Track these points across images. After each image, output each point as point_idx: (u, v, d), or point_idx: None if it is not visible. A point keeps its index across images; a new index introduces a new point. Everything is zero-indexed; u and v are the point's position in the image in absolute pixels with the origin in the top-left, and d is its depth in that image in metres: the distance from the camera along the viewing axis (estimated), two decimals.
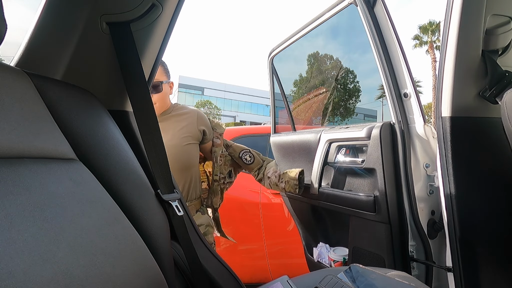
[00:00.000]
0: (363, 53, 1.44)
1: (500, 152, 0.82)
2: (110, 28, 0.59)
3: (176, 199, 0.63)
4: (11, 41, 0.48)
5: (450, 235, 0.86)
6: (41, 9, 0.56)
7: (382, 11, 1.16)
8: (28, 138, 0.39)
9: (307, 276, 0.76)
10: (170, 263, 0.56)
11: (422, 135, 1.15)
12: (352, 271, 0.66)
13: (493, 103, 0.80)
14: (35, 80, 0.46)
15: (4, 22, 0.41)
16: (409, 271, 1.13)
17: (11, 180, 0.34)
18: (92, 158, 0.48)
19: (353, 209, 1.26)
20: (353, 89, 2.08)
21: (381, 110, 2.63)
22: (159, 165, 0.62)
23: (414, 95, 1.15)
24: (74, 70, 0.60)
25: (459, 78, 0.80)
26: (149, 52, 0.67)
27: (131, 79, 0.61)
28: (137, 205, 0.51)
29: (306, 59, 2.09)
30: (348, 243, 1.37)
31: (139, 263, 0.46)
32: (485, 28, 0.78)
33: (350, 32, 1.60)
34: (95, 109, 0.55)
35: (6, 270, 0.28)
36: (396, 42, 1.15)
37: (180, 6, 0.66)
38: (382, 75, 1.19)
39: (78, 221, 0.38)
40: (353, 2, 1.23)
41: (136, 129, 0.67)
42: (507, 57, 0.82)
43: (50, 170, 0.40)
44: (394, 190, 1.15)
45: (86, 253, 0.37)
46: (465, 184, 0.83)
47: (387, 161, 1.16)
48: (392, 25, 1.15)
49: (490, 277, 0.81)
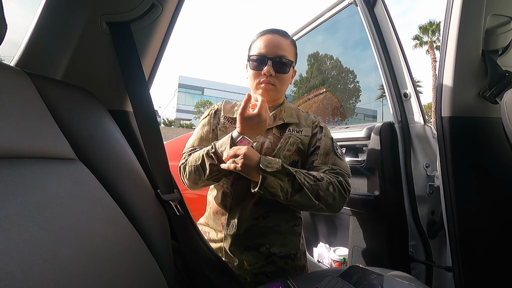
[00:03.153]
0: (363, 52, 1.44)
1: (500, 152, 0.82)
2: (110, 28, 0.59)
3: (176, 199, 0.63)
4: (11, 41, 0.49)
5: (450, 235, 0.86)
6: (41, 9, 0.56)
7: (382, 11, 1.16)
8: (28, 138, 0.39)
9: (307, 276, 0.76)
10: (170, 263, 0.56)
11: (422, 135, 1.15)
12: (352, 271, 0.66)
13: (493, 103, 0.80)
14: (35, 80, 0.46)
15: (4, 22, 0.41)
16: (409, 271, 1.13)
17: (11, 180, 0.34)
18: (92, 158, 0.48)
19: (353, 209, 1.26)
20: (353, 89, 2.08)
21: (381, 110, 2.63)
22: (159, 165, 0.62)
23: (414, 95, 1.15)
24: (74, 70, 0.60)
25: (459, 78, 0.80)
26: (149, 52, 0.67)
27: (131, 79, 0.62)
28: (137, 205, 0.51)
29: (306, 59, 2.09)
30: (348, 243, 1.37)
31: (139, 263, 0.46)
32: (485, 28, 0.78)
33: (350, 32, 1.60)
34: (95, 109, 0.55)
35: (6, 270, 0.28)
36: (396, 42, 1.15)
37: (180, 6, 0.66)
38: (382, 75, 1.19)
39: (78, 221, 0.38)
40: (353, 2, 1.23)
41: (136, 129, 0.67)
42: (507, 57, 0.82)
43: (50, 170, 0.40)
44: (394, 190, 1.15)
45: (86, 253, 0.37)
46: (465, 184, 0.83)
47: (387, 161, 1.16)
48: (392, 25, 1.15)
49: (490, 277, 0.81)
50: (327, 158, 0.81)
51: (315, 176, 0.73)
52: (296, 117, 0.88)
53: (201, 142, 0.87)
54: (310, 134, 0.85)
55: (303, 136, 0.84)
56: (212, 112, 0.92)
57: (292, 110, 0.90)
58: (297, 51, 0.88)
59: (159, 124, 0.66)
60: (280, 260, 0.80)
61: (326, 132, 0.86)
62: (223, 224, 0.82)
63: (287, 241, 0.83)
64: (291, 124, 0.86)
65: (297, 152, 0.82)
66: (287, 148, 0.81)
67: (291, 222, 0.84)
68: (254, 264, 0.79)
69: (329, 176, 0.75)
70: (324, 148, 0.82)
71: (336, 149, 0.83)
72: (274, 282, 0.65)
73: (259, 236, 0.80)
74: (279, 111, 0.87)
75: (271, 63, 0.79)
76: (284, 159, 0.80)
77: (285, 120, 0.85)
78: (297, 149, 0.82)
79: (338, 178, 0.75)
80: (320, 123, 0.88)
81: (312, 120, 0.89)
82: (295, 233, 0.85)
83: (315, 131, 0.86)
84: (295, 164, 0.83)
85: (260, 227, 0.80)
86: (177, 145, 2.48)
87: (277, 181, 0.68)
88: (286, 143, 0.81)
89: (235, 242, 0.79)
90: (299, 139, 0.83)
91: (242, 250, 0.80)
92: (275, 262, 0.80)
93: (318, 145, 0.83)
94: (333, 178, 0.74)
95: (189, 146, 0.88)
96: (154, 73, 0.73)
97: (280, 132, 0.84)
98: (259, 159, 0.68)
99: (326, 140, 0.84)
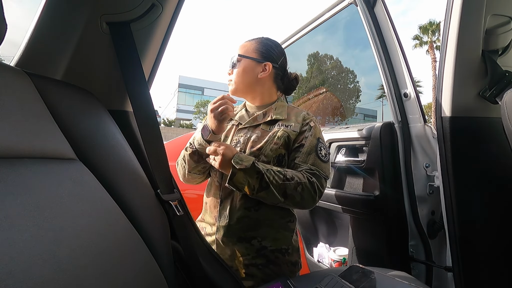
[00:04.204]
0: (363, 52, 1.44)
1: (500, 152, 0.82)
2: (110, 28, 0.59)
3: (176, 199, 0.63)
4: (11, 41, 0.49)
5: (450, 235, 0.86)
6: (41, 9, 0.56)
7: (382, 11, 1.16)
8: (28, 138, 0.39)
9: (307, 276, 0.76)
10: (170, 263, 0.56)
11: (422, 135, 1.15)
12: (352, 271, 0.66)
13: (493, 103, 0.80)
14: (35, 80, 0.46)
15: (4, 22, 0.41)
16: (409, 271, 1.13)
17: (11, 180, 0.34)
18: (92, 158, 0.48)
19: (353, 209, 1.26)
20: (353, 89, 2.08)
21: (381, 110, 2.63)
22: (159, 165, 0.62)
23: (414, 95, 1.15)
24: (74, 70, 0.60)
25: (459, 78, 0.80)
26: (149, 52, 0.67)
27: (131, 79, 0.61)
28: (137, 205, 0.51)
29: (306, 59, 2.09)
30: (348, 243, 1.37)
31: (139, 263, 0.46)
32: (485, 28, 0.78)
33: (350, 32, 1.60)
34: (95, 109, 0.55)
35: (6, 270, 0.28)
36: (396, 42, 1.15)
37: (180, 6, 0.66)
38: (382, 75, 1.19)
39: (78, 221, 0.38)
40: (353, 2, 1.23)
41: (136, 129, 0.67)
42: (507, 57, 0.82)
43: (50, 170, 0.40)
44: (394, 190, 1.15)
45: (86, 253, 0.37)
46: (465, 184, 0.83)
47: (387, 161, 1.16)
48: (392, 25, 1.15)
49: (490, 277, 0.81)
50: (308, 157, 0.83)
51: (285, 175, 0.77)
52: (286, 114, 0.90)
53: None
54: (298, 130, 0.87)
55: (291, 131, 0.86)
56: None
57: (284, 107, 0.92)
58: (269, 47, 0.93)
59: (159, 124, 0.66)
60: (271, 253, 0.82)
61: (314, 132, 0.87)
62: (215, 216, 0.85)
63: (279, 236, 0.84)
64: (280, 119, 0.88)
65: (283, 146, 0.84)
66: (274, 142, 0.83)
67: (285, 218, 0.86)
68: (246, 255, 0.81)
69: (301, 176, 0.78)
70: (308, 147, 0.84)
71: (320, 150, 0.85)
72: (274, 282, 0.65)
73: (251, 228, 0.82)
74: (270, 109, 0.91)
75: (230, 63, 0.94)
76: (271, 152, 0.83)
77: (273, 117, 0.88)
78: (283, 143, 0.84)
79: (312, 179, 0.78)
80: (311, 121, 0.89)
81: (303, 117, 0.90)
82: (289, 229, 0.87)
83: (304, 129, 0.87)
84: (282, 157, 0.85)
85: (252, 219, 0.82)
86: (177, 145, 2.48)
87: (246, 177, 0.74)
88: (274, 136, 0.84)
89: (227, 233, 0.82)
90: (287, 133, 0.85)
91: (234, 241, 0.82)
92: (266, 256, 0.82)
93: (303, 143, 0.85)
94: (304, 179, 0.77)
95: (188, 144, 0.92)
96: (154, 73, 0.73)
97: (270, 128, 0.88)
98: (233, 155, 0.75)
99: (312, 140, 0.85)
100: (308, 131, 0.87)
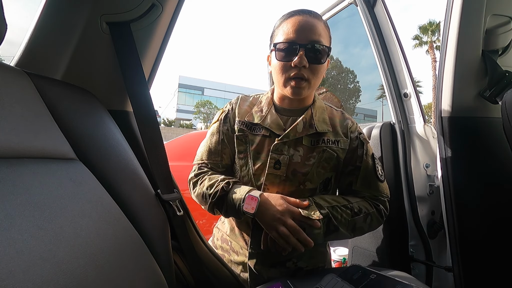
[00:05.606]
0: (363, 52, 1.44)
1: (500, 152, 0.82)
2: (110, 28, 0.59)
3: (176, 199, 0.63)
4: (11, 41, 0.49)
5: (450, 235, 0.86)
6: (41, 9, 0.56)
7: (382, 11, 1.16)
8: (28, 138, 0.39)
9: (307, 276, 0.76)
10: (170, 263, 0.56)
11: (422, 135, 1.15)
12: (352, 271, 0.66)
13: (493, 103, 0.80)
14: (35, 80, 0.46)
15: (4, 22, 0.41)
16: (409, 271, 1.13)
17: (11, 180, 0.34)
18: (92, 158, 0.48)
19: None
20: (353, 89, 2.08)
21: (381, 110, 2.63)
22: (159, 165, 0.62)
23: (414, 95, 1.15)
24: (74, 70, 0.60)
25: (459, 78, 0.80)
26: (149, 52, 0.67)
27: (131, 79, 0.62)
28: (137, 205, 0.51)
29: None
30: (348, 243, 1.37)
31: (139, 263, 0.46)
32: (485, 28, 0.78)
33: (350, 32, 1.60)
34: (95, 109, 0.55)
35: (6, 270, 0.28)
36: (396, 42, 1.15)
37: (180, 6, 0.66)
38: (382, 75, 1.19)
39: (78, 221, 0.38)
40: (353, 2, 1.23)
41: (136, 129, 0.67)
42: (507, 57, 0.82)
43: (50, 170, 0.40)
44: (394, 190, 1.15)
45: (86, 253, 0.37)
46: (465, 184, 0.83)
47: (387, 161, 1.16)
48: (392, 25, 1.16)
49: (490, 277, 0.81)
50: (368, 182, 0.72)
51: (352, 209, 0.67)
52: (329, 122, 0.74)
53: (210, 156, 0.78)
54: (348, 147, 0.73)
55: (340, 149, 0.71)
56: (222, 116, 0.79)
57: (324, 111, 0.75)
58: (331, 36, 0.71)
59: (159, 124, 0.66)
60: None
61: (368, 149, 0.74)
62: (246, 240, 0.74)
63: (315, 254, 0.76)
64: (325, 133, 0.71)
65: (332, 168, 0.72)
66: (321, 166, 0.70)
67: None
68: None
69: (368, 205, 0.70)
70: (365, 170, 0.72)
71: (377, 170, 0.73)
72: (274, 282, 0.65)
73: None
74: (309, 114, 0.72)
75: (303, 52, 0.63)
76: (318, 178, 0.70)
77: (318, 129, 0.71)
78: (333, 166, 0.72)
79: (379, 207, 0.71)
80: (360, 133, 0.75)
81: (349, 128, 0.74)
82: (323, 244, 0.79)
83: (354, 145, 0.73)
84: (328, 181, 0.73)
85: None
86: (177, 145, 2.48)
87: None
88: (321, 158, 0.70)
89: (261, 261, 0.72)
90: (335, 153, 0.71)
91: (268, 268, 0.73)
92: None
93: (358, 165, 0.72)
94: (372, 208, 0.70)
95: (198, 158, 0.79)
96: (154, 73, 0.73)
97: (311, 141, 0.71)
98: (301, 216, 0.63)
99: (368, 161, 0.72)
100: (361, 147, 0.73)
